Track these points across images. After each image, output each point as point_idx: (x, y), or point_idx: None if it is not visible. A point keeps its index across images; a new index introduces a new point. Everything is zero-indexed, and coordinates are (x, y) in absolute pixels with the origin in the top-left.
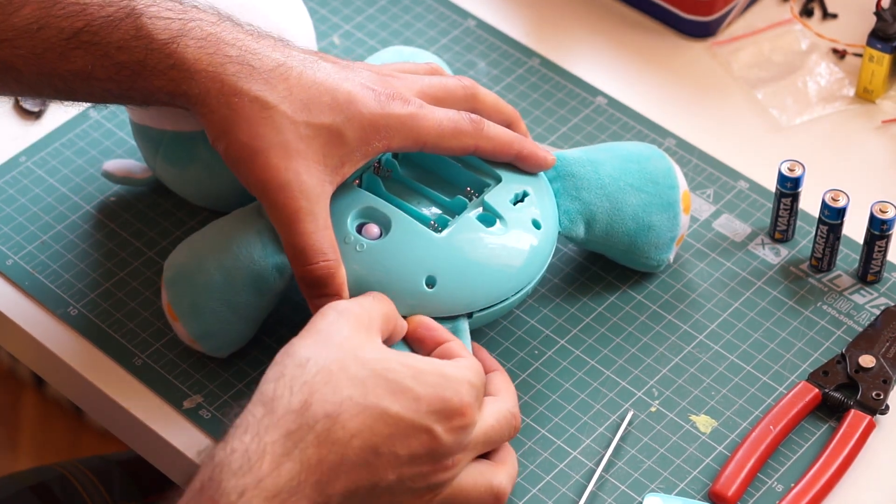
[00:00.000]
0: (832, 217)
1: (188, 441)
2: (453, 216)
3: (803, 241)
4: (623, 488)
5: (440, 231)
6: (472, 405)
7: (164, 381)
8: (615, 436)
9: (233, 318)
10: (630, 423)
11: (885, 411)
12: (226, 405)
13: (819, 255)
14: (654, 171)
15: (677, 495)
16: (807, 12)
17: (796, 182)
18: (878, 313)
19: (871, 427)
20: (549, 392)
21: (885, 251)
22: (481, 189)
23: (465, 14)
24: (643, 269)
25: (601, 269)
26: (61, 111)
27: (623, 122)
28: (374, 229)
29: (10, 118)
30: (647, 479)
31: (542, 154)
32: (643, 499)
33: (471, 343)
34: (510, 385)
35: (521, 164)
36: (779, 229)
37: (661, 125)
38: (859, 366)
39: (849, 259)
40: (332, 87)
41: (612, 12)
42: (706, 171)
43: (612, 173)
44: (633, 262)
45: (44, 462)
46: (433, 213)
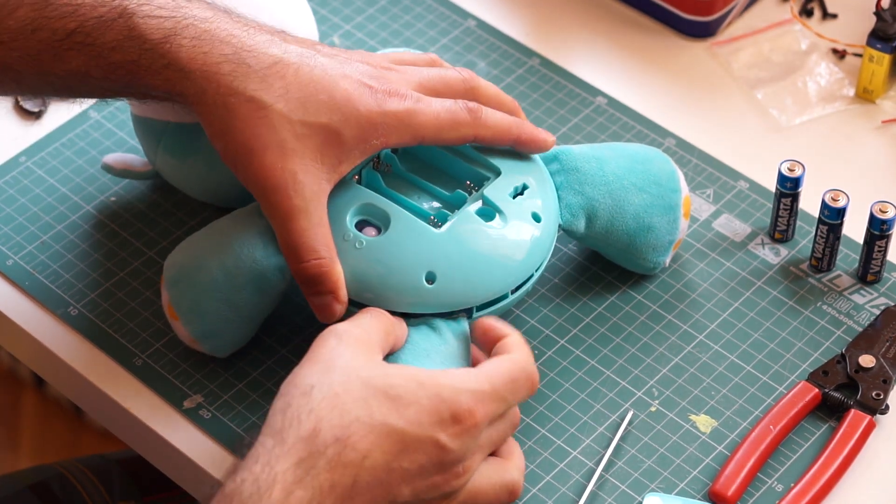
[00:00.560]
0: (832, 217)
1: (188, 441)
2: (453, 210)
3: (803, 241)
4: (623, 488)
5: (440, 226)
6: (474, 409)
7: (164, 381)
8: (615, 436)
9: (234, 318)
10: (630, 423)
11: (885, 411)
12: (226, 405)
13: (819, 255)
14: (657, 172)
15: (677, 495)
16: (807, 12)
17: (796, 182)
18: (878, 313)
19: (871, 427)
20: (549, 392)
21: (884, 251)
22: (481, 182)
23: (465, 14)
24: (638, 271)
25: (601, 269)
26: (61, 111)
27: (623, 122)
28: (373, 231)
29: (10, 118)
30: (647, 479)
31: (542, 136)
32: (643, 499)
33: (471, 345)
34: (523, 346)
35: (521, 149)
36: (779, 229)
37: (661, 125)
38: (859, 366)
39: (849, 259)
40: (329, 84)
41: (612, 12)
42: (706, 171)
43: (617, 171)
44: (630, 262)
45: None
46: (433, 208)
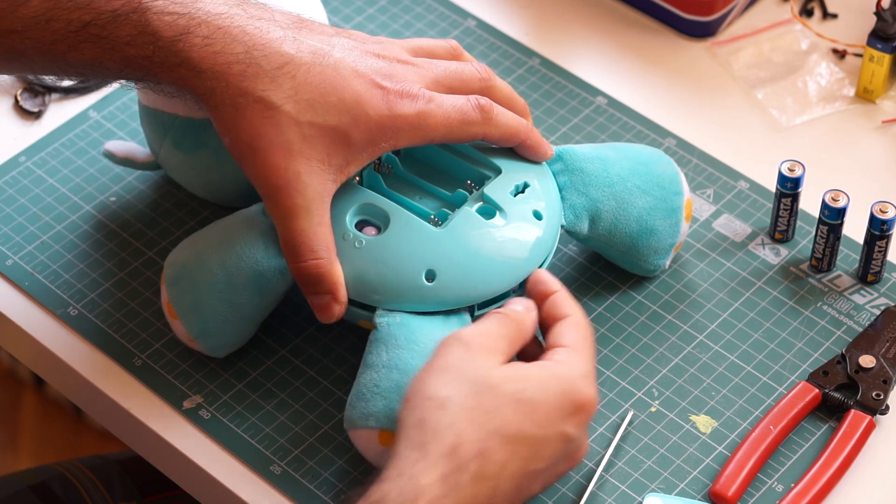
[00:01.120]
0: (832, 217)
1: (188, 441)
2: (454, 210)
3: (803, 242)
4: (623, 488)
5: (440, 225)
6: (592, 393)
7: (164, 381)
8: (615, 436)
9: (233, 318)
10: (630, 423)
11: (885, 411)
12: (226, 405)
13: (819, 256)
14: (661, 175)
15: (677, 495)
16: (807, 12)
17: (796, 182)
18: (878, 313)
19: (871, 427)
20: None
21: (885, 251)
22: (482, 182)
23: (465, 14)
24: (638, 273)
25: (601, 269)
26: (61, 111)
27: (623, 122)
28: (373, 231)
29: (10, 118)
30: (647, 479)
31: (545, 146)
32: (643, 499)
33: None
34: (573, 301)
35: (523, 153)
36: (779, 229)
37: (661, 125)
38: (859, 366)
39: (849, 259)
40: (340, 85)
41: (612, 12)
42: (706, 171)
43: (621, 173)
44: (630, 264)
45: (44, 462)
46: (434, 208)
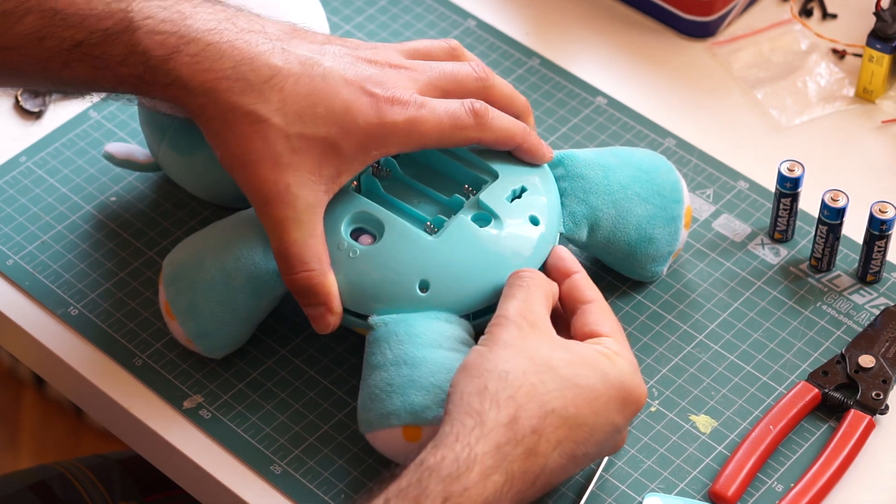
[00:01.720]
0: (832, 217)
1: (188, 441)
2: (451, 216)
3: (803, 241)
4: (623, 488)
5: (436, 232)
6: (644, 388)
7: (164, 381)
8: None
9: (230, 320)
10: (630, 424)
11: (884, 411)
12: (226, 405)
13: (819, 255)
14: (661, 183)
15: (677, 495)
16: (806, 12)
17: (796, 182)
18: (877, 313)
19: (870, 427)
20: None
21: (884, 251)
22: (480, 186)
23: (465, 14)
24: (635, 278)
25: (601, 270)
26: (61, 111)
27: (623, 122)
28: (369, 239)
29: (10, 118)
30: (647, 479)
31: (543, 149)
32: (643, 499)
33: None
34: (593, 285)
35: (520, 156)
36: (778, 229)
37: (661, 125)
38: (859, 366)
39: (848, 259)
40: (328, 95)
41: (612, 12)
42: (706, 171)
43: (622, 181)
44: (628, 270)
45: (44, 462)
46: (432, 213)
